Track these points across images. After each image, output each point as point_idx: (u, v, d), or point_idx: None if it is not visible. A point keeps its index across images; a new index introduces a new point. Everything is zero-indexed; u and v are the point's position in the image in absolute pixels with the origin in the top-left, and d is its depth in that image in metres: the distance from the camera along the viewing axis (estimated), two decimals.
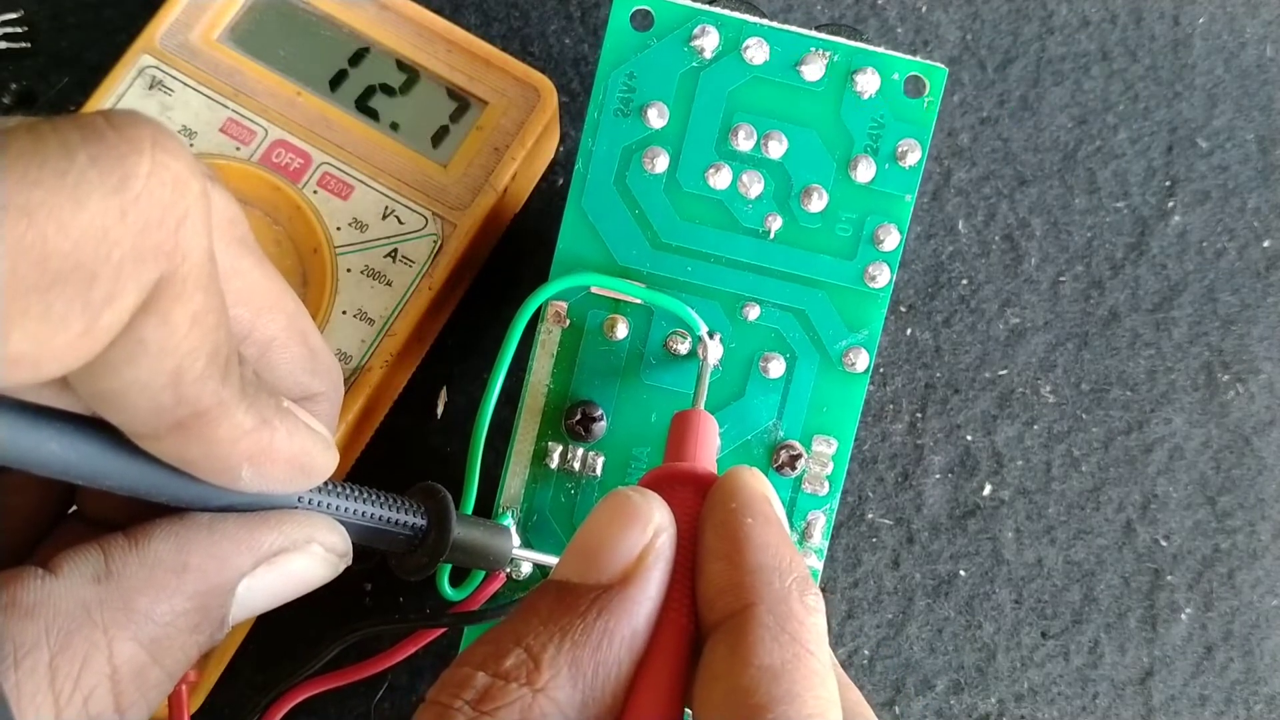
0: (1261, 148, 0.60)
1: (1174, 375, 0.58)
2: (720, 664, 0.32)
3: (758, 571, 0.33)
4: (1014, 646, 0.56)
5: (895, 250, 0.49)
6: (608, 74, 0.49)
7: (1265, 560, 0.57)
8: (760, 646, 0.31)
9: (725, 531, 0.34)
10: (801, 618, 0.32)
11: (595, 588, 0.33)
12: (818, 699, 0.31)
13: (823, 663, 0.32)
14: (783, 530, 0.35)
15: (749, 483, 0.36)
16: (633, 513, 0.34)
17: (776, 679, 0.31)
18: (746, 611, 0.32)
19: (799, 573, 0.34)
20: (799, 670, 0.31)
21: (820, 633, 0.33)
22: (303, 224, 0.51)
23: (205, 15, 0.53)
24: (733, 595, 0.33)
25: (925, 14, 0.61)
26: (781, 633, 0.32)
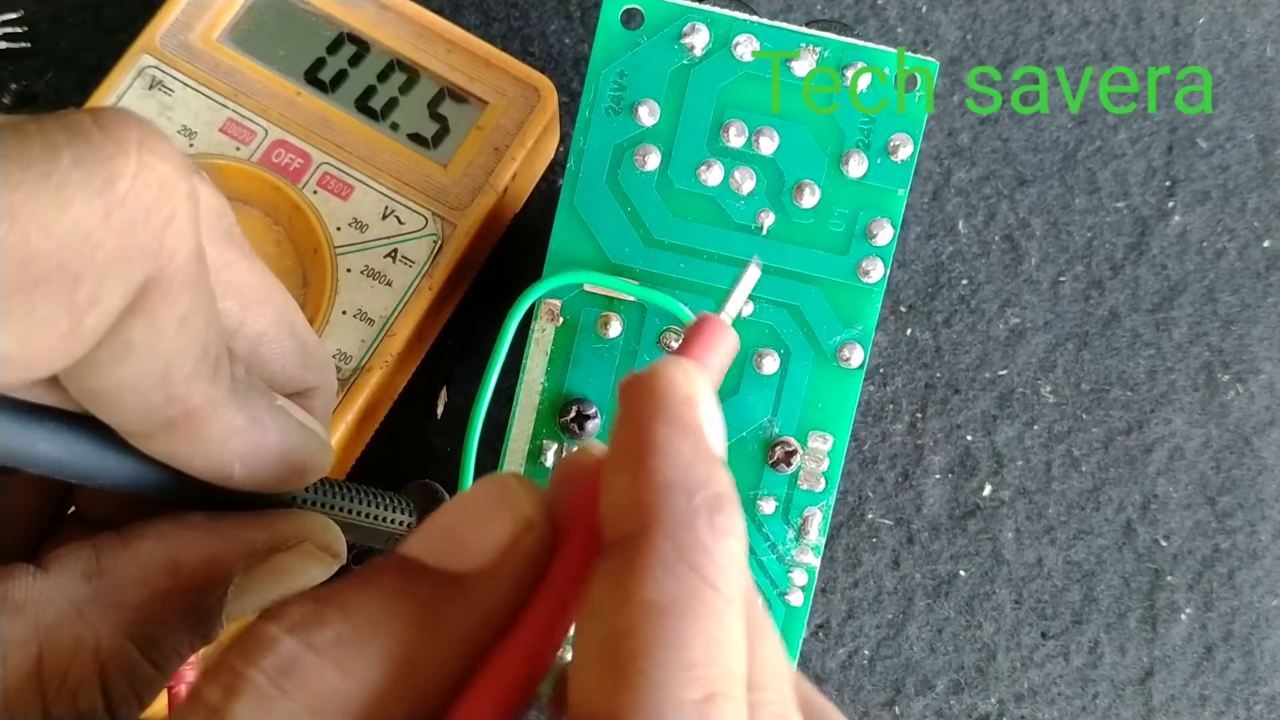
0: (1262, 148, 0.60)
1: (1174, 375, 0.58)
2: (601, 598, 0.27)
3: (662, 489, 0.28)
4: (1014, 646, 0.56)
5: (889, 245, 0.49)
6: (598, 72, 0.49)
7: (1265, 560, 0.57)
8: (648, 578, 0.27)
9: (632, 438, 0.29)
10: (707, 544, 0.27)
11: (446, 574, 0.29)
12: (710, 643, 0.26)
13: (727, 599, 0.27)
14: (702, 442, 0.29)
15: (672, 380, 0.30)
16: (507, 501, 0.30)
17: (662, 618, 0.26)
18: (641, 536, 0.27)
19: (713, 490, 0.28)
20: (692, 608, 0.26)
21: (730, 563, 0.28)
22: (303, 224, 0.51)
23: (205, 15, 0.53)
24: (629, 516, 0.28)
25: (925, 14, 0.61)
26: (678, 563, 0.27)
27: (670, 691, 0.25)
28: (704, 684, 0.26)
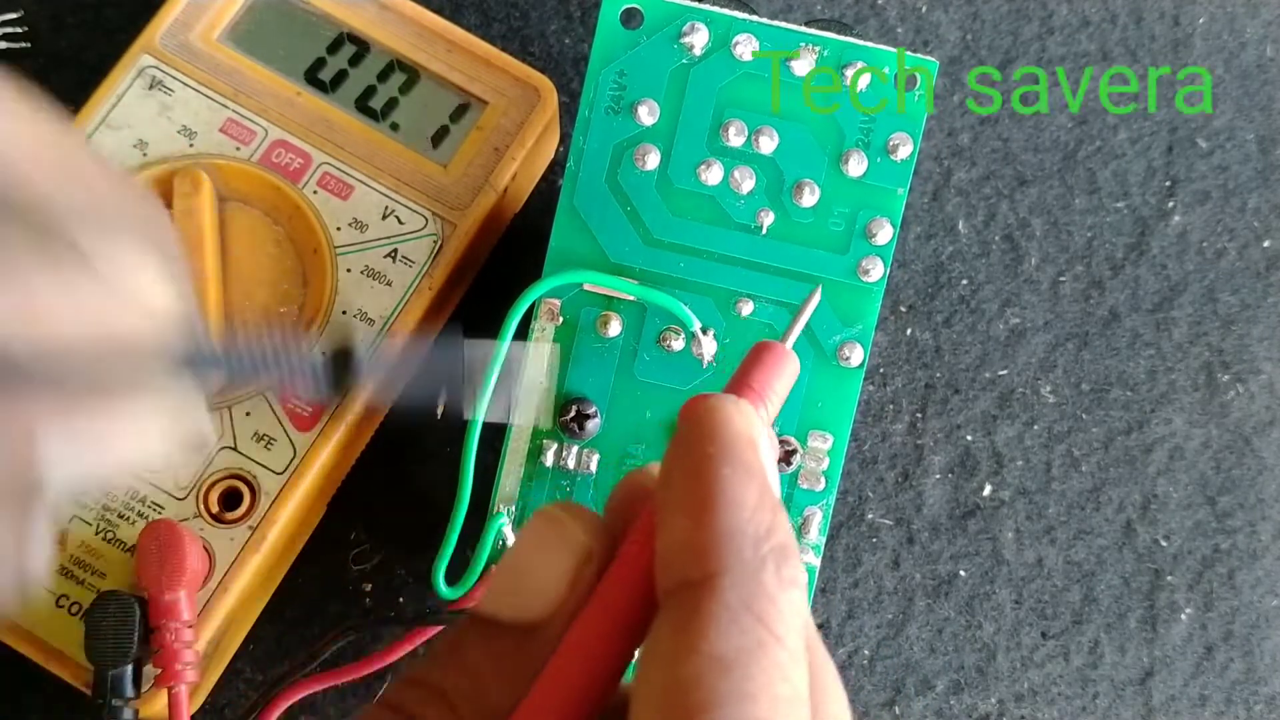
0: (1261, 148, 0.60)
1: (1174, 375, 0.58)
2: (664, 645, 0.27)
3: (727, 536, 0.27)
4: (1014, 647, 0.56)
5: (888, 244, 0.49)
6: (598, 72, 0.49)
7: (1265, 560, 0.56)
8: (714, 629, 0.26)
9: (694, 481, 0.28)
10: (773, 595, 0.27)
11: (521, 626, 0.29)
12: (775, 699, 0.26)
13: (791, 652, 0.27)
14: (766, 486, 0.29)
15: (732, 420, 0.30)
16: (561, 536, 0.30)
17: (728, 671, 0.25)
18: (706, 583, 0.27)
19: (778, 540, 0.28)
20: (758, 662, 0.26)
21: (794, 615, 0.27)
22: (303, 224, 0.51)
23: (205, 15, 0.53)
24: (693, 561, 0.27)
25: (925, 14, 0.61)
26: (745, 613, 0.26)
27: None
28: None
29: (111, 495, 0.49)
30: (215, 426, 0.49)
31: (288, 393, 0.42)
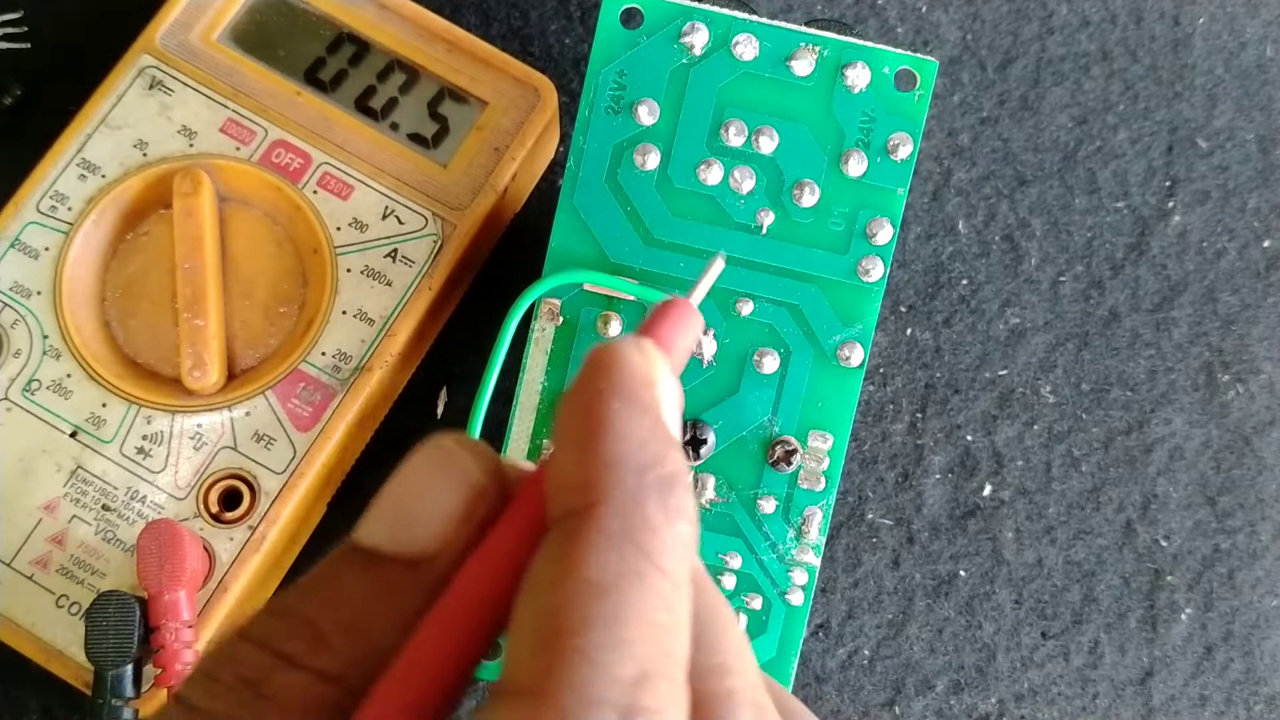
0: (1261, 148, 0.60)
1: (1174, 375, 0.58)
2: (542, 572, 0.26)
3: (610, 466, 0.27)
4: (1014, 647, 0.56)
5: (888, 244, 0.49)
6: (598, 72, 0.49)
7: (1265, 560, 0.57)
8: (592, 555, 0.25)
9: (583, 415, 0.28)
10: (656, 524, 0.26)
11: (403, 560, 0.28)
12: (650, 625, 0.25)
13: (673, 582, 0.26)
14: (657, 421, 0.28)
15: (629, 358, 0.29)
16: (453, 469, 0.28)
17: (602, 596, 0.25)
18: (587, 512, 0.26)
19: (665, 471, 0.27)
20: (635, 588, 0.25)
21: (679, 546, 0.27)
22: (303, 224, 0.52)
23: (205, 15, 0.53)
24: (577, 492, 0.27)
25: (925, 14, 0.61)
26: (624, 541, 0.26)
27: (602, 668, 0.24)
28: (639, 663, 0.24)
29: (111, 495, 0.49)
30: (216, 426, 0.50)
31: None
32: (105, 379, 0.49)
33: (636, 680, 0.24)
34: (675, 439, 0.29)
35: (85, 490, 0.49)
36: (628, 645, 0.24)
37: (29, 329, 0.50)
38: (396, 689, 0.26)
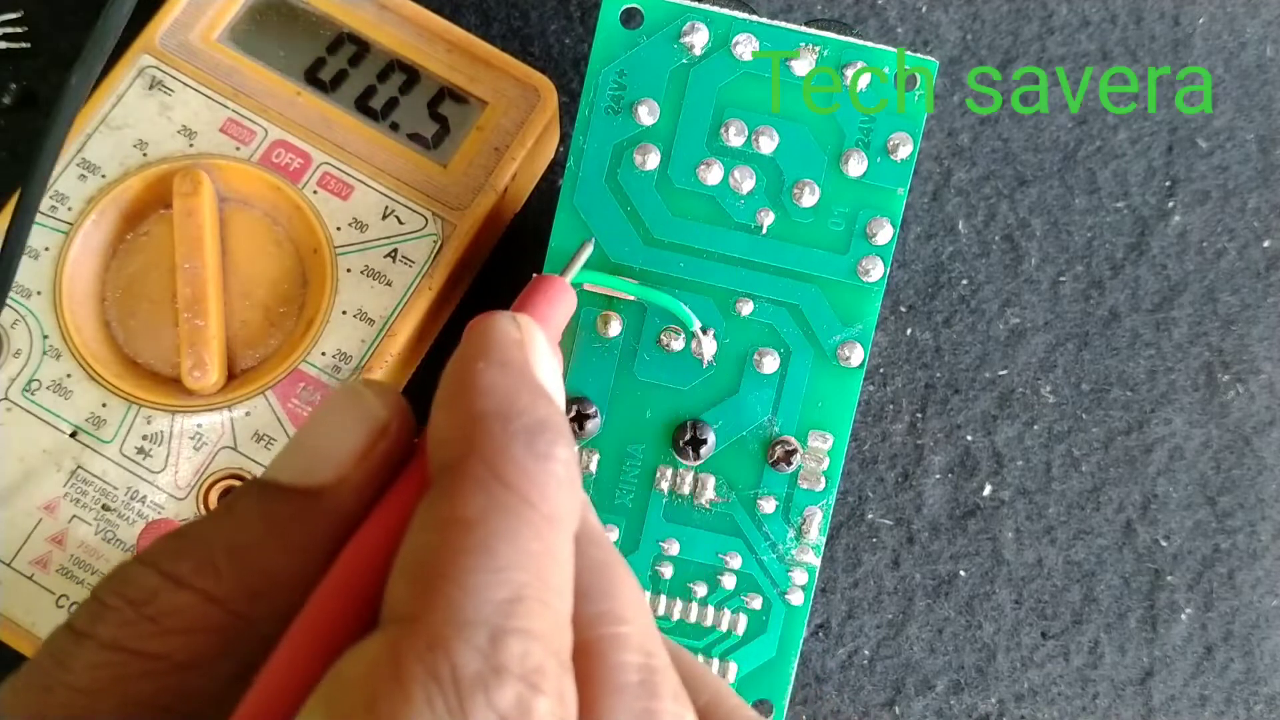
0: (1261, 148, 0.60)
1: (1174, 375, 0.58)
2: (418, 521, 0.26)
3: (476, 419, 0.27)
4: (1014, 647, 0.56)
5: (888, 244, 0.49)
6: (598, 72, 0.49)
7: (1265, 560, 0.57)
8: (460, 496, 0.26)
9: (454, 377, 0.29)
10: (523, 464, 0.27)
11: (303, 490, 0.28)
12: (521, 554, 0.25)
13: (546, 516, 0.26)
14: (526, 377, 0.29)
15: (496, 325, 0.31)
16: (359, 408, 0.29)
17: (470, 530, 0.25)
18: (459, 462, 0.27)
19: (532, 418, 0.28)
20: (503, 520, 0.26)
21: (551, 483, 0.27)
22: (303, 224, 0.51)
23: (205, 15, 0.53)
24: (450, 446, 0.27)
25: (925, 14, 0.61)
26: (491, 481, 0.26)
27: (472, 592, 0.24)
28: (511, 587, 0.25)
29: (111, 495, 0.49)
30: (216, 426, 0.50)
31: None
32: (105, 379, 0.49)
33: (509, 602, 0.25)
34: (548, 395, 0.29)
35: (85, 490, 0.49)
36: (498, 571, 0.25)
37: (29, 329, 0.50)
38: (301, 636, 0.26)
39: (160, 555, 0.27)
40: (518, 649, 0.24)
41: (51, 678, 0.26)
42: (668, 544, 0.49)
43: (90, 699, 0.25)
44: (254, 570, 0.27)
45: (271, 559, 0.27)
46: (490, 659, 0.24)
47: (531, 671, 0.24)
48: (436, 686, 0.23)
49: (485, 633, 0.24)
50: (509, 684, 0.24)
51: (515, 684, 0.24)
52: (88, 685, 0.25)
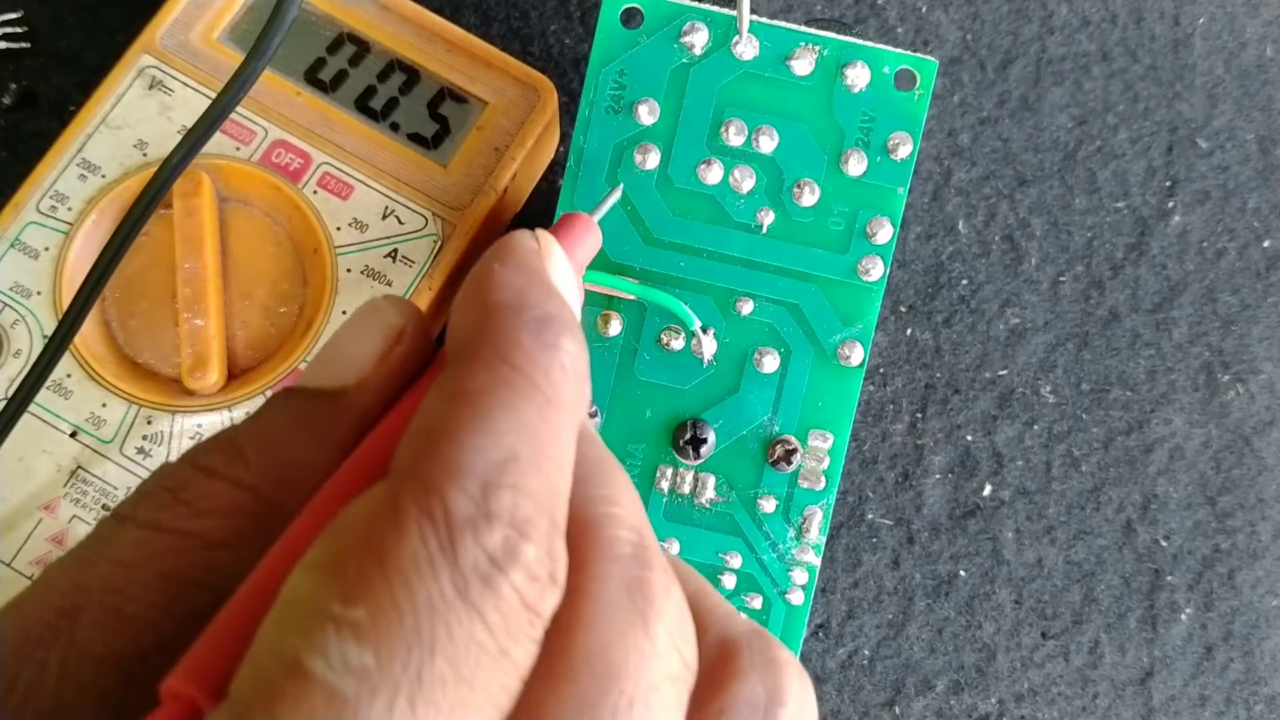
0: (1262, 148, 0.60)
1: (1174, 375, 0.58)
2: (425, 398, 0.28)
3: (490, 310, 0.29)
4: (1014, 647, 0.56)
5: (888, 244, 0.49)
6: (598, 71, 0.49)
7: (1265, 560, 0.57)
8: (467, 373, 0.27)
9: (471, 279, 0.31)
10: (531, 352, 0.28)
11: (327, 391, 0.30)
12: (519, 424, 0.27)
13: (548, 397, 0.28)
14: (540, 277, 0.31)
15: (515, 236, 0.32)
16: (378, 317, 0.31)
17: (472, 400, 0.27)
18: (468, 348, 0.28)
19: (542, 311, 0.29)
20: (504, 394, 0.27)
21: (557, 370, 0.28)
22: (302, 224, 0.51)
23: (205, 15, 0.53)
24: (462, 336, 0.29)
25: (925, 14, 0.61)
26: (498, 361, 0.27)
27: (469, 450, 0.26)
28: (507, 449, 0.26)
29: (111, 495, 0.49)
30: (216, 426, 0.50)
31: None
32: (105, 379, 0.49)
33: (503, 461, 0.26)
34: (561, 296, 0.31)
35: (85, 490, 0.49)
36: (495, 434, 0.26)
37: (29, 329, 0.50)
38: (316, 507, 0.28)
39: (195, 452, 0.29)
40: (508, 500, 0.25)
41: (94, 553, 0.27)
42: (668, 543, 0.49)
43: (129, 570, 0.27)
44: (281, 460, 0.29)
45: (297, 450, 0.29)
46: (481, 505, 0.25)
47: (521, 522, 0.25)
48: (429, 524, 0.24)
49: (478, 484, 0.25)
50: (498, 528, 0.25)
51: (504, 529, 0.25)
52: (127, 558, 0.27)
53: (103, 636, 0.26)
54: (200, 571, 0.27)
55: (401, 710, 0.23)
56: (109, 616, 0.27)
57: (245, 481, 0.28)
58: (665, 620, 0.28)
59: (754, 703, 0.30)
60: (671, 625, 0.28)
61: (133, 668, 0.27)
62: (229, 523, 0.28)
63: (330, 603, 0.23)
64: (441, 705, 0.23)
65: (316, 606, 0.23)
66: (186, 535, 0.28)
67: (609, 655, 0.27)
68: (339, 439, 0.29)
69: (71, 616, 0.27)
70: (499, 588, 0.25)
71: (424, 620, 0.24)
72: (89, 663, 0.26)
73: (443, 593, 0.24)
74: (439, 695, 0.23)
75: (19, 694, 0.26)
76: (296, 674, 0.23)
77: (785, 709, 0.31)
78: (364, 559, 0.24)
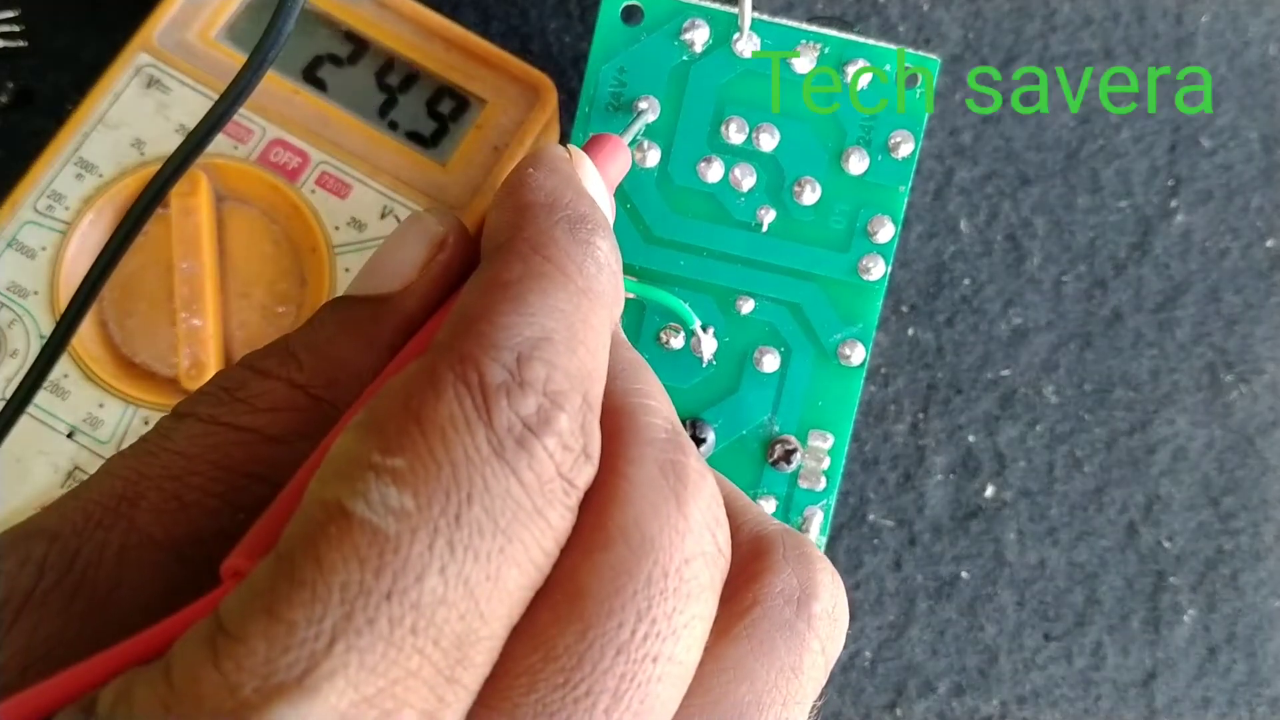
0: (1265, 147, 0.60)
1: (1177, 376, 0.58)
2: (462, 294, 0.30)
3: (524, 208, 0.31)
4: (1016, 649, 0.55)
5: (889, 242, 0.48)
6: (598, 68, 0.49)
7: (1269, 561, 0.56)
8: (502, 262, 0.29)
9: (506, 183, 0.33)
10: (565, 246, 0.30)
11: (374, 299, 0.33)
12: (552, 309, 0.28)
13: (581, 288, 0.29)
14: (573, 182, 0.33)
15: (548, 146, 0.34)
16: (421, 227, 0.34)
17: (506, 287, 0.28)
18: (505, 243, 0.30)
19: (575, 210, 0.31)
20: (537, 282, 0.29)
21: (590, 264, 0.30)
22: (301, 223, 0.51)
23: (203, 14, 0.53)
24: (498, 234, 0.31)
25: (927, 12, 0.61)
26: (532, 253, 0.29)
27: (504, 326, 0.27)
28: (541, 329, 0.28)
29: None
30: None
31: None
32: (102, 379, 0.49)
33: (537, 339, 0.27)
34: (593, 199, 0.33)
35: None
36: (530, 315, 0.28)
37: (26, 329, 0.50)
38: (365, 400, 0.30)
39: (250, 357, 0.31)
40: (542, 372, 0.27)
41: (155, 445, 0.29)
42: None
43: (188, 461, 0.29)
44: (331, 360, 0.31)
45: (345, 352, 0.31)
46: (515, 374, 0.26)
47: (554, 393, 0.27)
48: (465, 388, 0.26)
49: (512, 355, 0.27)
50: (531, 395, 0.26)
51: (537, 397, 0.26)
52: (186, 450, 0.29)
53: (161, 521, 0.28)
54: (256, 464, 0.29)
55: (440, 550, 0.24)
56: (169, 503, 0.28)
57: (298, 381, 0.30)
58: (700, 501, 0.29)
59: (787, 594, 0.32)
60: (705, 507, 0.29)
61: (189, 553, 0.28)
62: (283, 418, 0.30)
63: (370, 453, 0.25)
64: (479, 551, 0.25)
65: (357, 458, 0.25)
66: (243, 430, 0.29)
67: (644, 527, 0.27)
68: (385, 341, 0.31)
69: (132, 501, 0.28)
70: (533, 449, 0.26)
71: (461, 471, 0.25)
72: (148, 545, 0.28)
73: (479, 448, 0.25)
74: (476, 541, 0.25)
75: (78, 571, 0.27)
76: (339, 516, 0.24)
77: (819, 602, 0.32)
78: (403, 418, 0.25)
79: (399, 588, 0.24)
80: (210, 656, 0.23)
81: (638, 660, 0.27)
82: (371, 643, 0.23)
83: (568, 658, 0.26)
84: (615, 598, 0.27)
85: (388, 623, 0.23)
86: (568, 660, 0.26)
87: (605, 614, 0.26)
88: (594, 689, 0.26)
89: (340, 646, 0.23)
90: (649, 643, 0.27)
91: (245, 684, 0.23)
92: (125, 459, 0.29)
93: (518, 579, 0.25)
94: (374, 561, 0.24)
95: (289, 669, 0.23)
